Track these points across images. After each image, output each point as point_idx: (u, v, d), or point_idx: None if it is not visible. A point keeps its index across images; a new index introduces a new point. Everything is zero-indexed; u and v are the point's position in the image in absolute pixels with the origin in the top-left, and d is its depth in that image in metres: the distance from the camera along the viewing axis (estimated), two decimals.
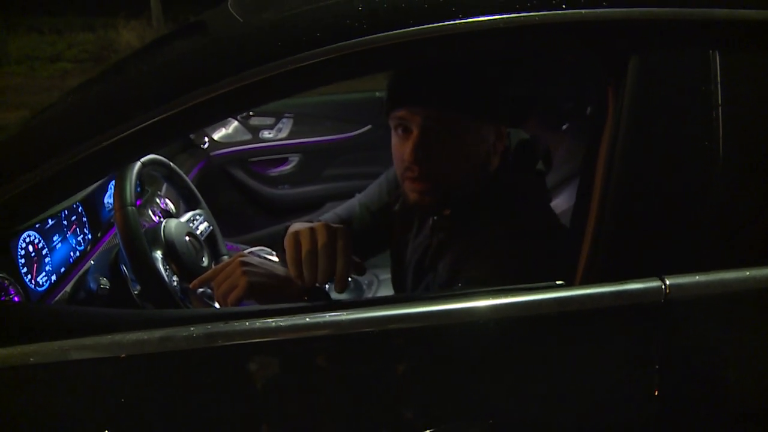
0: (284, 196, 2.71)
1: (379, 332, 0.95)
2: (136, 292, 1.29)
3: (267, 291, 1.14)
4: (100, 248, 1.62)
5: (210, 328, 0.91)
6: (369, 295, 2.08)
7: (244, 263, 1.16)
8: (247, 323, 0.92)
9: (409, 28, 0.92)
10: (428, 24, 0.92)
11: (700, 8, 0.97)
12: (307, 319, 0.93)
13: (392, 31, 0.92)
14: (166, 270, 1.30)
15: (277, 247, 2.08)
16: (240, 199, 2.66)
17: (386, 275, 2.01)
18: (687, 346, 0.96)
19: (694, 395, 0.97)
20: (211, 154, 2.59)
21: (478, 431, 0.95)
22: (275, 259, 1.95)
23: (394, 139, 1.20)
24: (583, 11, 0.94)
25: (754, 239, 0.97)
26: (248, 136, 2.69)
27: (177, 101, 0.92)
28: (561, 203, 1.78)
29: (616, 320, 0.96)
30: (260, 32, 0.94)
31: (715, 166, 0.96)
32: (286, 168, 2.71)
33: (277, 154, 2.69)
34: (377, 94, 2.69)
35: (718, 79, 0.96)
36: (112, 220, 1.72)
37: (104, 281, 1.27)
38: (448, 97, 1.13)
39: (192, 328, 0.91)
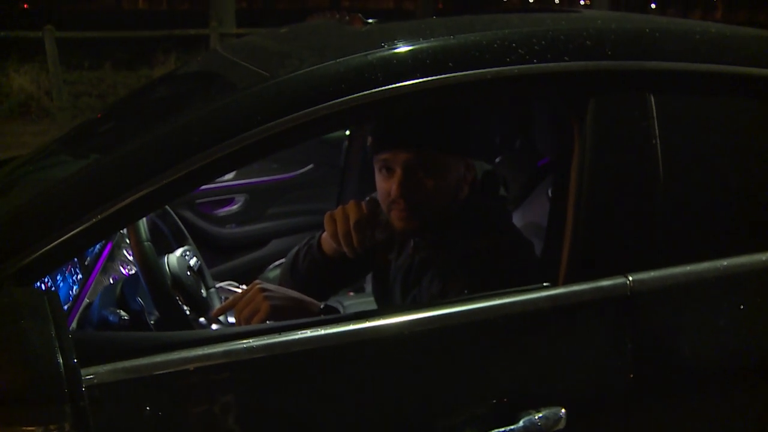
0: (231, 234, 2.81)
1: (394, 337, 1.12)
2: (152, 321, 1.39)
3: (286, 312, 1.29)
4: (90, 286, 1.69)
5: (267, 339, 1.04)
6: None
7: (264, 289, 1.31)
8: (299, 334, 1.05)
9: (417, 79, 1.12)
10: (432, 76, 1.13)
11: (636, 60, 1.23)
12: (350, 326, 1.08)
13: (404, 82, 1.12)
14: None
15: (241, 280, 2.20)
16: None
17: (349, 301, 2.16)
18: (652, 331, 1.20)
19: (662, 373, 1.21)
20: None
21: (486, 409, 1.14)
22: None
23: (379, 178, 1.40)
24: (550, 64, 1.18)
25: (692, 240, 1.24)
26: None
27: (214, 150, 1.06)
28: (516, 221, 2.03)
29: (594, 312, 1.18)
30: (294, 84, 1.10)
31: (658, 182, 1.21)
32: (233, 208, 2.82)
33: (224, 194, 2.80)
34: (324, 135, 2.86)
35: (654, 115, 1.22)
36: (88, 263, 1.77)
37: (123, 313, 1.36)
38: (426, 138, 1.34)
39: (251, 341, 1.04)
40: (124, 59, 10.04)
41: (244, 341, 1.04)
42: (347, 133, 2.78)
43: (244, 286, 2.09)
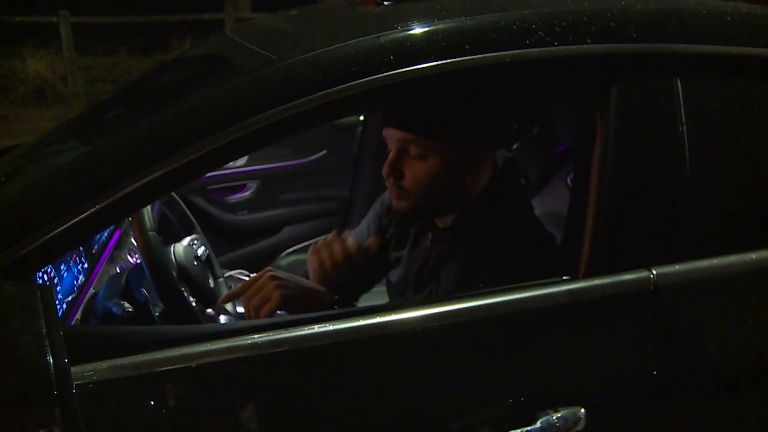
0: (243, 221, 2.77)
1: (407, 333, 1.07)
2: (156, 314, 1.35)
3: (298, 302, 1.24)
4: (96, 276, 1.66)
5: (272, 335, 1.00)
6: None
7: (275, 277, 1.25)
8: (316, 328, 1.01)
9: (430, 62, 1.06)
10: (446, 59, 1.07)
11: (662, 43, 1.17)
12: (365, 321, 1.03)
13: (416, 65, 1.06)
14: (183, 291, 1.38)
15: (252, 269, 2.17)
16: (200, 225, 2.70)
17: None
18: (677, 328, 1.14)
19: (686, 371, 1.15)
20: None
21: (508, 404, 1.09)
22: None
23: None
24: (572, 47, 1.12)
25: (719, 231, 1.17)
26: None
27: (220, 135, 1.01)
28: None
29: (616, 307, 1.12)
30: (302, 67, 1.05)
31: (684, 172, 1.15)
32: (245, 194, 2.78)
33: (236, 181, 2.76)
34: (334, 121, 2.81)
35: (681, 101, 1.16)
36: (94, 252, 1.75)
37: (127, 305, 1.33)
38: (420, 122, 1.27)
39: (256, 337, 1.00)
40: (139, 44, 10.02)
41: (249, 337, 1.00)
42: (361, 118, 2.73)
43: (255, 274, 2.07)
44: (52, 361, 0.72)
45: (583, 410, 1.07)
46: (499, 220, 1.35)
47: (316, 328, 1.01)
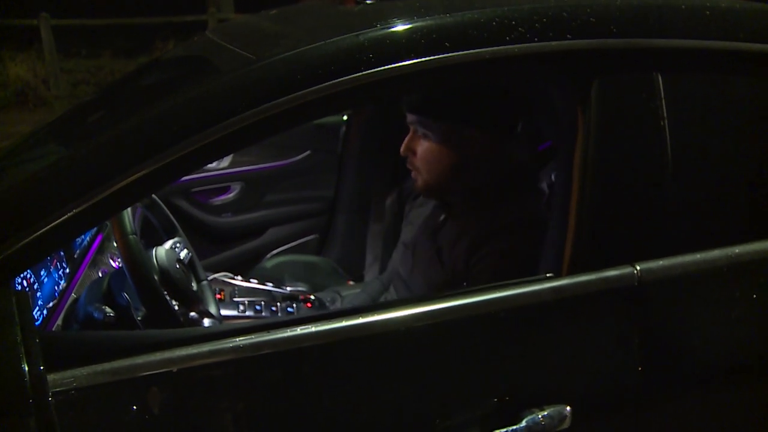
0: (227, 223, 2.75)
1: (390, 333, 1.06)
2: (139, 318, 1.33)
3: None
4: (78, 280, 1.64)
5: (254, 338, 0.99)
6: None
7: None
8: (298, 330, 1.00)
9: (407, 61, 1.06)
10: (426, 57, 1.06)
11: (642, 38, 1.17)
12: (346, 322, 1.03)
13: (396, 63, 1.05)
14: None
15: (237, 271, 2.16)
16: (184, 228, 2.68)
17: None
18: (661, 323, 1.14)
19: (671, 367, 1.15)
20: None
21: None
22: (239, 282, 2.03)
23: None
24: (552, 43, 1.12)
25: (702, 226, 1.18)
26: None
27: (198, 137, 1.00)
28: None
29: (600, 304, 1.12)
30: (282, 67, 1.04)
31: (666, 167, 1.15)
32: (229, 196, 2.76)
33: (220, 182, 2.73)
34: (314, 120, 2.80)
35: (662, 96, 1.16)
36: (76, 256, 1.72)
37: (108, 310, 1.31)
38: (424, 105, 1.37)
39: (238, 340, 0.98)
40: (122, 46, 9.94)
41: (231, 340, 0.98)
42: (345, 118, 2.72)
43: (239, 278, 2.05)
44: (27, 368, 0.71)
45: (568, 408, 1.07)
46: (507, 201, 1.43)
47: (299, 330, 1.00)
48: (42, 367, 0.73)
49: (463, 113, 1.38)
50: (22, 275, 1.34)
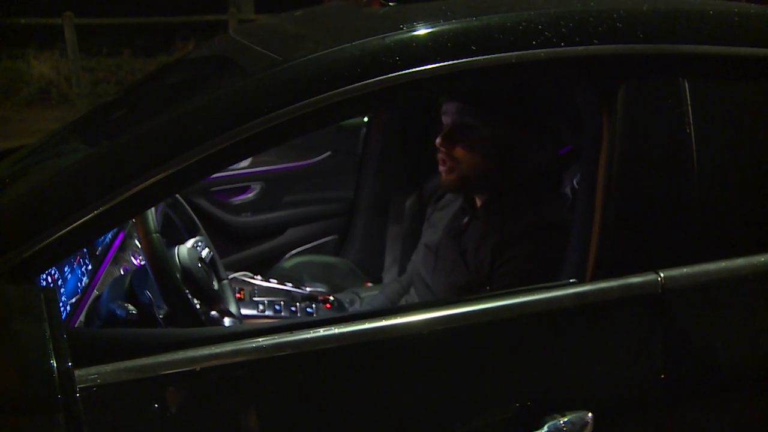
0: (247, 223, 2.76)
1: (411, 336, 1.06)
2: (161, 316, 1.34)
3: None
4: (100, 277, 1.65)
5: (277, 338, 0.99)
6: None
7: None
8: (321, 331, 1.00)
9: (436, 63, 1.06)
10: (452, 60, 1.06)
11: (670, 44, 1.16)
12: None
13: (421, 66, 1.05)
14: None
15: (256, 270, 2.16)
16: (204, 227, 2.69)
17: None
18: (684, 331, 1.13)
19: (694, 375, 1.14)
20: None
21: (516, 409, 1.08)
22: (258, 282, 2.04)
23: None
24: (579, 48, 1.11)
25: (727, 234, 1.16)
26: None
27: (223, 137, 1.00)
28: None
29: (623, 310, 1.11)
30: (307, 68, 1.04)
31: (692, 173, 1.14)
32: (248, 196, 2.77)
33: (239, 182, 2.75)
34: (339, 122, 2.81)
35: (689, 102, 1.15)
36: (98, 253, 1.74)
37: (131, 307, 1.32)
38: (478, 96, 1.38)
39: (261, 340, 0.99)
40: (143, 46, 10.02)
41: (253, 340, 0.99)
42: (365, 119, 2.73)
43: (259, 277, 2.06)
44: (55, 364, 0.72)
45: (590, 414, 1.06)
46: (531, 205, 1.43)
47: (321, 332, 1.00)
48: (70, 363, 0.74)
49: (513, 109, 1.40)
50: (44, 273, 1.36)
